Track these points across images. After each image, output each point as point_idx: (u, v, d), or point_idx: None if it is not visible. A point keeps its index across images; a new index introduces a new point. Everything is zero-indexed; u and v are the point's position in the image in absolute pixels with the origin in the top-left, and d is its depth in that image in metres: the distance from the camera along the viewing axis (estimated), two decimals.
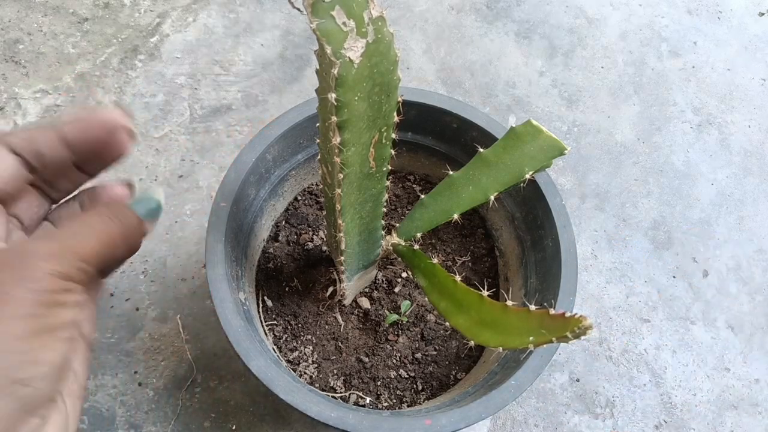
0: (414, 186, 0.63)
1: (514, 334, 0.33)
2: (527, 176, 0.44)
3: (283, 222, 0.58)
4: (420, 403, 0.51)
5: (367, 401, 0.51)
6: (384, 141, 0.37)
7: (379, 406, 0.51)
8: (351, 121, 0.32)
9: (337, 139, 0.33)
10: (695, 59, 0.87)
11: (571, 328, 0.28)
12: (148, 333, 0.59)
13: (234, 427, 0.56)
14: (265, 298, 0.54)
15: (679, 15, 0.91)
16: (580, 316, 0.28)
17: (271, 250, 0.57)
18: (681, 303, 0.68)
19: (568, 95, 0.81)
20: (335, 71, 0.29)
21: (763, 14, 0.93)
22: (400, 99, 0.35)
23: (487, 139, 0.52)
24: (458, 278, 0.39)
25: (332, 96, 0.30)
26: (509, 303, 0.35)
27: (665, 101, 0.82)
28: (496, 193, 0.45)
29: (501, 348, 0.35)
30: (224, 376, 0.58)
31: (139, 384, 0.57)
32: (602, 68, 0.84)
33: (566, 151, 0.44)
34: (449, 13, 0.86)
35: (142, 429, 0.55)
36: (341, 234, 0.42)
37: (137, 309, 0.60)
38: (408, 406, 0.51)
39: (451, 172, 0.46)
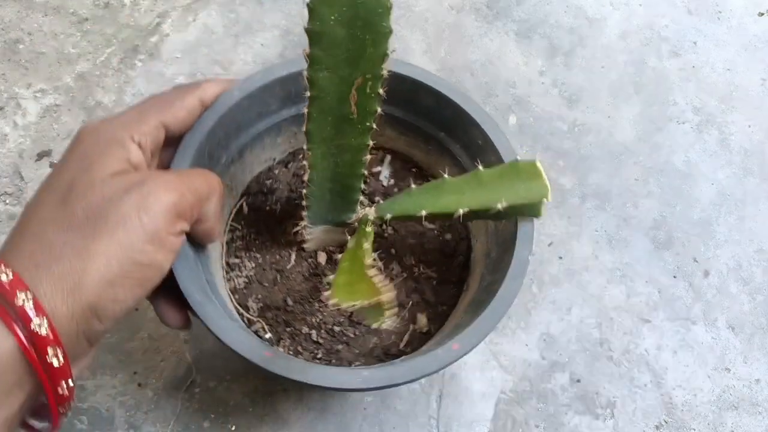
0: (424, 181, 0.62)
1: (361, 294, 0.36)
2: (499, 206, 0.43)
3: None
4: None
5: (267, 336, 0.51)
6: (369, 91, 0.38)
7: (274, 346, 0.51)
8: (323, 36, 0.34)
9: (307, 50, 0.35)
10: (695, 59, 0.87)
11: None
12: (147, 333, 0.59)
13: (234, 428, 0.56)
14: (245, 204, 0.57)
15: (679, 15, 0.91)
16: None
17: (276, 172, 0.59)
18: (682, 303, 0.68)
19: (569, 95, 0.81)
20: None
21: (763, 14, 0.93)
22: (389, 52, 0.36)
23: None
24: (374, 269, 0.41)
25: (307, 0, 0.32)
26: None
27: (665, 101, 0.82)
28: (466, 210, 0.44)
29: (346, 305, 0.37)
30: (223, 376, 0.58)
31: (139, 384, 0.57)
32: (602, 68, 0.84)
33: (546, 200, 0.44)
34: (449, 12, 0.86)
35: (141, 429, 0.55)
36: (306, 162, 0.44)
37: (136, 309, 0.60)
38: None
39: (446, 176, 0.47)
